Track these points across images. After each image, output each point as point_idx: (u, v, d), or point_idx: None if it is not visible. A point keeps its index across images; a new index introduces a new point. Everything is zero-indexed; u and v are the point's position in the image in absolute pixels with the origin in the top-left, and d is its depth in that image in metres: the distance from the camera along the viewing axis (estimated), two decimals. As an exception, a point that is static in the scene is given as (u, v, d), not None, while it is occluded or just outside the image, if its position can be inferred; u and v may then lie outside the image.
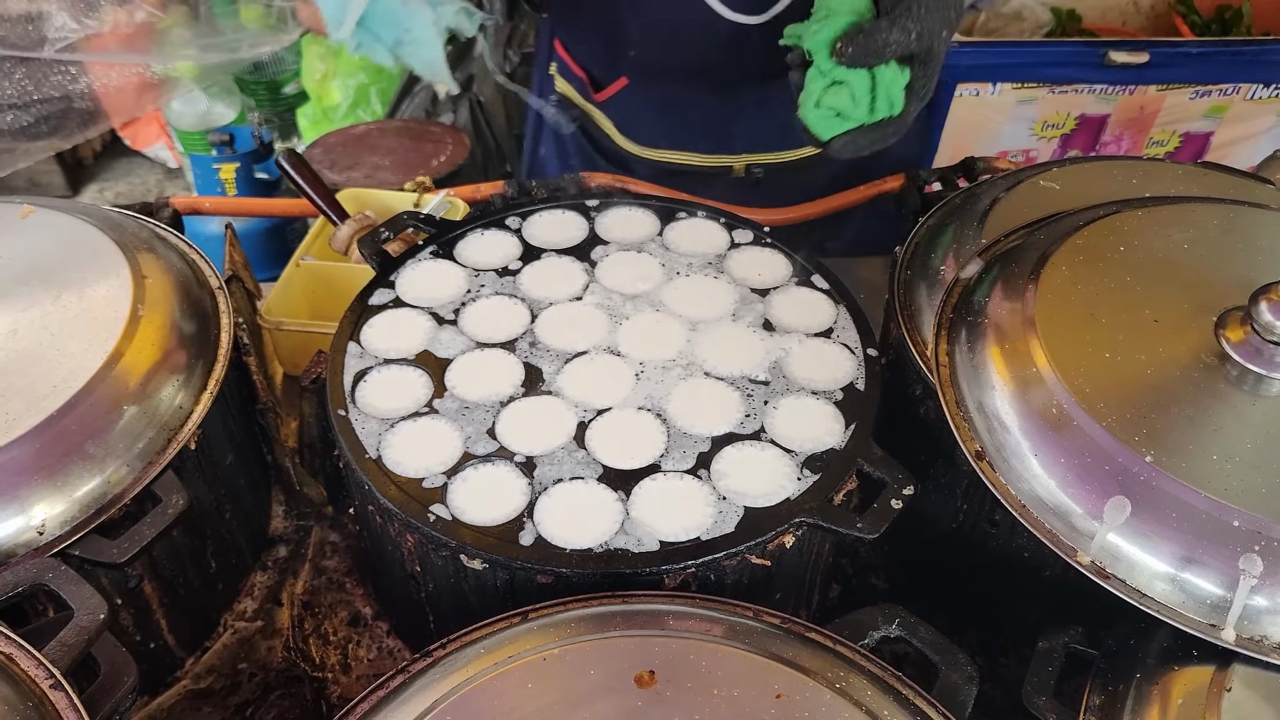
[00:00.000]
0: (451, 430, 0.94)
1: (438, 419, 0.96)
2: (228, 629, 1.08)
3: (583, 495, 0.89)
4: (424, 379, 1.00)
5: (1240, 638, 0.75)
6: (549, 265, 1.15)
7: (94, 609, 0.77)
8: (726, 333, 1.06)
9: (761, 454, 0.92)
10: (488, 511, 0.87)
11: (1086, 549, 0.80)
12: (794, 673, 0.72)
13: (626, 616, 0.78)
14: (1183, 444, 0.80)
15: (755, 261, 1.16)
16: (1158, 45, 2.50)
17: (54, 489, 0.86)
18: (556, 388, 0.99)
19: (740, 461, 0.92)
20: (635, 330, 1.06)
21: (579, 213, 1.23)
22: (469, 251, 1.16)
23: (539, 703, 0.70)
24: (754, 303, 1.10)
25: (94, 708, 0.72)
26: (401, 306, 1.08)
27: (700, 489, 0.89)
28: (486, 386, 0.99)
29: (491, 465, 0.91)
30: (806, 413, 0.97)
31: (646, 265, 1.15)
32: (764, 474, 0.90)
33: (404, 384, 1.00)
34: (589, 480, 0.90)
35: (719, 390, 0.99)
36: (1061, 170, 1.15)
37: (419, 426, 0.95)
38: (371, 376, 1.00)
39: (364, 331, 1.05)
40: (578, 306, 1.09)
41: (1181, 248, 0.97)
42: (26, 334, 0.94)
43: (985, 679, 1.01)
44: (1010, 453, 0.86)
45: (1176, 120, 2.64)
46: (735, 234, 1.20)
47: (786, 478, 0.90)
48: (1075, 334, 0.88)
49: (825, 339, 1.05)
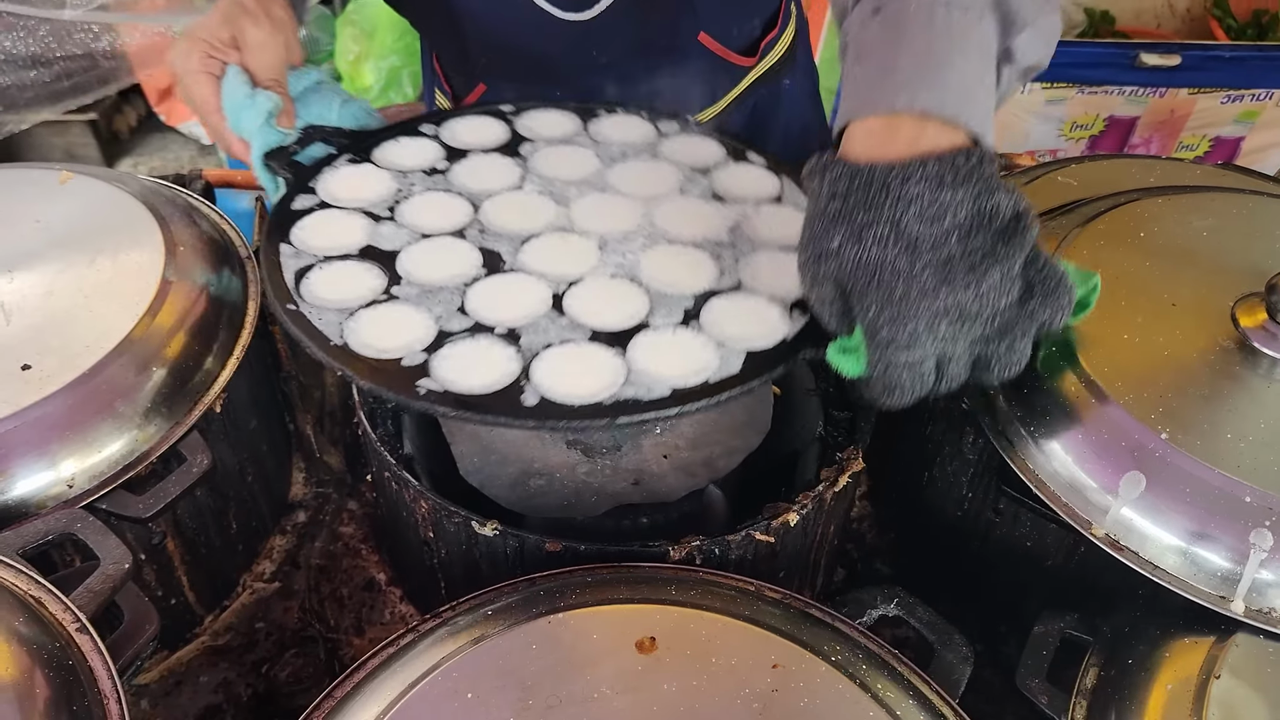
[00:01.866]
0: (418, 313, 0.88)
1: (400, 304, 0.89)
2: (246, 589, 1.11)
3: (578, 355, 0.84)
4: (374, 270, 0.93)
5: (1249, 610, 0.77)
6: (478, 161, 1.09)
7: (119, 558, 0.80)
8: (679, 205, 1.02)
9: (747, 302, 0.90)
10: (481, 379, 0.81)
11: (1101, 522, 0.82)
12: (791, 645, 0.74)
13: (631, 585, 0.80)
14: (1198, 423, 0.82)
15: (688, 146, 1.13)
16: (1190, 48, 2.49)
17: (84, 445, 0.90)
18: (520, 264, 0.94)
19: (728, 310, 0.88)
20: (586, 209, 1.02)
21: (496, 118, 1.18)
22: (389, 156, 1.10)
23: (542, 663, 0.72)
24: (698, 179, 1.07)
25: (116, 653, 0.74)
26: (329, 208, 1.00)
27: (696, 338, 0.86)
28: (445, 269, 0.93)
29: (472, 339, 0.85)
30: (779, 265, 0.93)
31: (580, 155, 1.11)
32: (755, 319, 0.87)
33: (353, 276, 0.92)
34: (579, 342, 0.85)
35: (687, 253, 0.96)
36: (1079, 166, 1.16)
37: (381, 313, 0.88)
38: (314, 274, 0.92)
39: (294, 233, 0.96)
40: (520, 194, 1.04)
41: (1201, 235, 0.98)
42: (62, 295, 0.97)
43: (985, 664, 1.03)
44: (1029, 430, 0.88)
45: (1207, 124, 2.63)
46: (661, 124, 1.18)
47: (779, 319, 0.87)
48: (1095, 315, 0.90)
49: (777, 204, 1.03)
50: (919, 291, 0.69)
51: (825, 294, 0.75)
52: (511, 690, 0.70)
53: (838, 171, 0.72)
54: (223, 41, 1.03)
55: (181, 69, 1.04)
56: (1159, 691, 0.75)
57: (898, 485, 1.17)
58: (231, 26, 1.04)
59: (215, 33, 1.03)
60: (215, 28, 1.04)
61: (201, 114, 1.05)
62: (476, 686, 0.71)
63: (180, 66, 1.04)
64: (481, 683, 0.71)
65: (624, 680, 0.71)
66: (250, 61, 1.04)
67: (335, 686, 0.73)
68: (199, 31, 1.04)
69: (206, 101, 1.03)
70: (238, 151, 1.05)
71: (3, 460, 0.87)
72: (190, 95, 1.05)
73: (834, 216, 0.71)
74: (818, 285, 0.75)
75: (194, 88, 1.04)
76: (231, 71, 1.02)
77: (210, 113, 1.04)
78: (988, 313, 0.70)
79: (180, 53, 1.04)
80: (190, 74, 1.03)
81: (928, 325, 0.70)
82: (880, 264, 0.69)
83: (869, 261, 0.70)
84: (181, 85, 1.06)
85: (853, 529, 1.19)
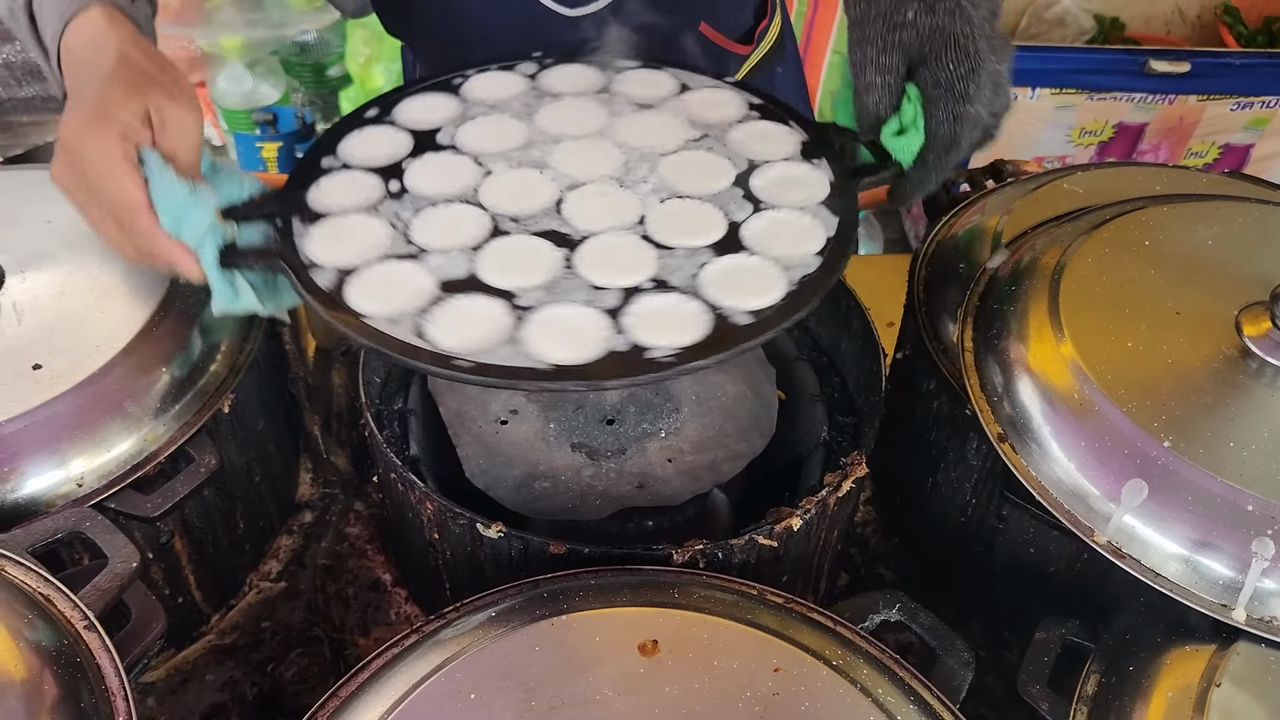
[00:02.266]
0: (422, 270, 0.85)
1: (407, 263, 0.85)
2: (253, 588, 1.12)
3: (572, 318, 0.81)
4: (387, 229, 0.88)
5: (1250, 618, 0.77)
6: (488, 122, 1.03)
7: (127, 557, 0.81)
8: (687, 158, 0.97)
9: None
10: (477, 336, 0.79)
11: (1103, 530, 0.82)
12: (793, 649, 0.75)
13: (634, 588, 0.80)
14: (1201, 431, 0.82)
15: (709, 101, 1.05)
16: (1200, 55, 2.49)
17: (93, 444, 0.91)
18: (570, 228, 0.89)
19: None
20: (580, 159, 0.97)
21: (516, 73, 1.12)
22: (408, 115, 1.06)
23: (545, 665, 0.73)
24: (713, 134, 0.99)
25: (123, 651, 0.75)
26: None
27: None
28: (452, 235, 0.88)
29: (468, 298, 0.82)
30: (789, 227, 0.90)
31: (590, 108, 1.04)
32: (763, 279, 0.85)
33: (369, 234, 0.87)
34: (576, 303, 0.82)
35: (695, 209, 0.91)
36: (1086, 174, 1.16)
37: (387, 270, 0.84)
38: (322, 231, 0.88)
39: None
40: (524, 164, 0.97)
41: (1206, 243, 0.98)
42: (73, 296, 0.98)
43: (988, 671, 1.03)
44: (1032, 436, 0.88)
45: (1216, 132, 2.63)
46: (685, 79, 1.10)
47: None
48: (1099, 324, 0.90)
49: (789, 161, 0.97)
50: (982, 55, 0.83)
51: (891, 62, 0.85)
52: (514, 691, 0.71)
53: None
54: (140, 120, 0.83)
55: (96, 158, 0.81)
56: (1160, 699, 0.75)
57: (901, 490, 1.17)
58: (143, 100, 0.83)
59: (130, 110, 0.82)
60: (126, 102, 0.82)
61: (121, 216, 0.82)
62: (480, 687, 0.71)
63: (94, 155, 0.81)
64: (485, 684, 0.71)
65: (626, 682, 0.72)
66: (173, 145, 0.84)
67: (340, 686, 0.74)
68: (109, 108, 0.82)
69: (132, 200, 0.81)
70: (175, 260, 0.84)
71: (13, 459, 0.87)
72: (106, 192, 0.82)
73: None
74: (886, 53, 0.84)
75: (115, 182, 0.81)
76: (153, 161, 0.82)
77: (137, 214, 0.82)
78: (1007, 86, 0.87)
79: (91, 136, 0.81)
80: (110, 164, 0.80)
81: (988, 82, 0.84)
82: (951, 31, 0.82)
83: (943, 28, 0.83)
84: (85, 180, 0.82)
85: (856, 534, 1.19)
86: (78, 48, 0.88)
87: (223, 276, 0.86)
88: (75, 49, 0.88)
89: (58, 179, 0.85)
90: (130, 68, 0.85)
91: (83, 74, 0.87)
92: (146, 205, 0.81)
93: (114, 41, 0.86)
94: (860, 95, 0.87)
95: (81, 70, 0.87)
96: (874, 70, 0.85)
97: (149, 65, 0.86)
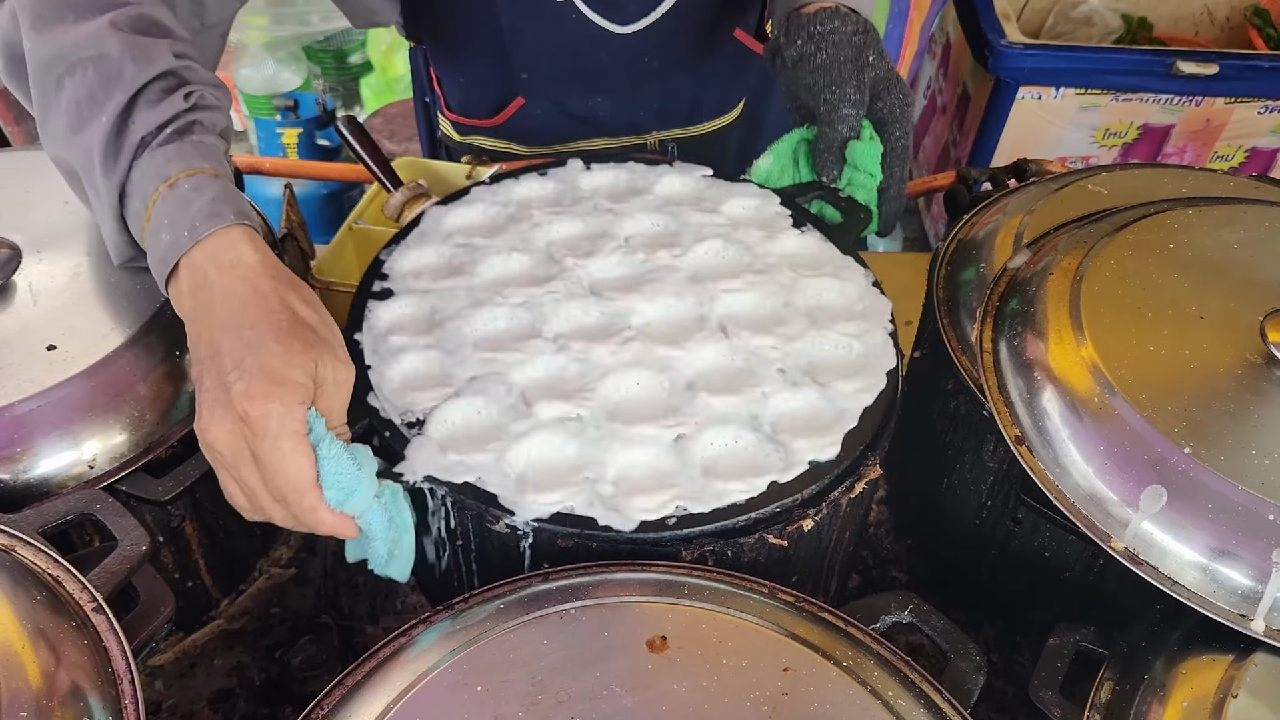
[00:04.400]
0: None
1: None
2: (263, 574, 1.12)
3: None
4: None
5: (1269, 629, 0.76)
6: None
7: (137, 540, 0.81)
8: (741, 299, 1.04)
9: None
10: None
11: (1120, 536, 0.81)
12: (803, 648, 0.74)
13: (643, 584, 0.80)
14: (1222, 438, 0.81)
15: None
16: (1228, 57, 2.46)
17: (105, 426, 0.91)
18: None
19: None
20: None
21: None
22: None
23: (552, 658, 0.72)
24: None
25: (131, 633, 0.75)
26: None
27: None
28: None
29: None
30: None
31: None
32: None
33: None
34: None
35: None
36: (1110, 175, 1.14)
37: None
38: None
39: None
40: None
41: (1231, 248, 0.97)
42: (89, 277, 0.98)
43: (1000, 675, 1.02)
44: (1050, 439, 0.87)
45: (1243, 135, 2.60)
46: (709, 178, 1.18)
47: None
48: (1120, 326, 0.89)
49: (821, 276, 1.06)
50: (906, 89, 1.11)
51: (863, 98, 1.07)
52: (521, 684, 0.70)
53: (856, 20, 1.10)
54: (312, 381, 0.77)
55: (276, 429, 0.74)
56: (1174, 709, 0.74)
57: (916, 492, 1.16)
58: (314, 359, 0.77)
59: (305, 370, 0.76)
60: (302, 363, 0.76)
61: (287, 494, 0.76)
62: (486, 679, 0.71)
63: (275, 426, 0.74)
64: (491, 676, 0.71)
65: (634, 678, 0.71)
66: (329, 405, 0.79)
67: (346, 674, 0.74)
68: (288, 371, 0.75)
69: (304, 479, 0.76)
70: (338, 531, 0.81)
71: (26, 439, 0.88)
72: (274, 466, 0.75)
73: (861, 44, 1.08)
74: (860, 90, 1.06)
75: (289, 460, 0.75)
76: (320, 431, 0.77)
77: (305, 492, 0.76)
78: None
79: (273, 405, 0.74)
80: (285, 438, 0.74)
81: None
82: (890, 69, 1.10)
83: (887, 69, 1.10)
84: (252, 449, 0.75)
85: (869, 535, 1.18)
86: (217, 278, 0.80)
87: (386, 537, 0.84)
88: (212, 277, 0.80)
89: (213, 439, 0.76)
90: (300, 324, 0.79)
91: (233, 314, 0.79)
92: (314, 483, 0.77)
93: (270, 284, 0.80)
94: (833, 126, 1.07)
95: (230, 307, 0.79)
96: (850, 105, 1.06)
97: (314, 317, 0.81)
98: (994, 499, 0.99)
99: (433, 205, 1.15)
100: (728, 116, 1.57)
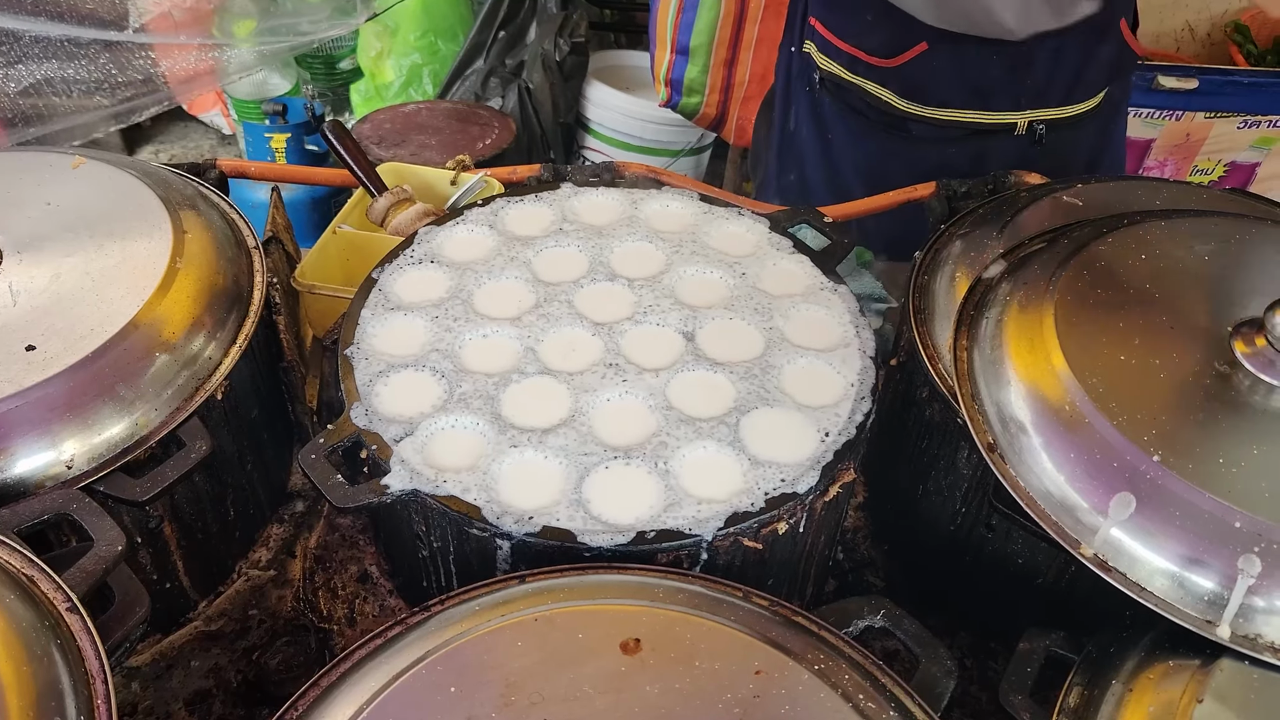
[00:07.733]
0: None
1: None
2: (241, 576, 1.11)
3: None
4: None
5: (1235, 635, 0.77)
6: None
7: (113, 540, 0.81)
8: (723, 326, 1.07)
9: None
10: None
11: (1090, 542, 0.82)
12: (775, 652, 0.74)
13: (619, 586, 0.80)
14: (1190, 446, 0.82)
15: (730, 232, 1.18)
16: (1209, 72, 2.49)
17: (84, 427, 0.91)
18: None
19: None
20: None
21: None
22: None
23: (526, 660, 0.72)
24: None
25: (106, 634, 0.75)
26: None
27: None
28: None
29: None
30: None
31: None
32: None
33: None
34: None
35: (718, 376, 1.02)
36: (1086, 187, 1.16)
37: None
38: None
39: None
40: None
41: (1202, 259, 0.98)
42: (69, 279, 0.98)
43: (973, 681, 1.03)
44: (1022, 447, 0.88)
45: (1223, 149, 2.63)
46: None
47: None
48: (1092, 336, 0.90)
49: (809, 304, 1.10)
50: None
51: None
52: (495, 686, 0.71)
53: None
54: None
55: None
56: (1141, 713, 0.75)
57: (892, 497, 1.17)
58: None
59: None
60: None
61: None
62: (460, 681, 0.71)
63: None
64: (466, 677, 0.71)
65: (607, 680, 0.71)
66: None
67: (321, 676, 0.74)
68: None
69: None
70: None
71: (4, 439, 0.87)
72: None
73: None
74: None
75: None
76: None
77: None
78: None
79: None
80: None
81: None
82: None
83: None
84: None
85: (846, 540, 1.19)
86: None
87: None
88: None
89: None
90: None
91: None
92: None
93: None
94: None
95: None
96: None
97: None
98: (968, 505, 1.00)
99: (427, 226, 1.16)
100: (1091, 102, 1.61)
